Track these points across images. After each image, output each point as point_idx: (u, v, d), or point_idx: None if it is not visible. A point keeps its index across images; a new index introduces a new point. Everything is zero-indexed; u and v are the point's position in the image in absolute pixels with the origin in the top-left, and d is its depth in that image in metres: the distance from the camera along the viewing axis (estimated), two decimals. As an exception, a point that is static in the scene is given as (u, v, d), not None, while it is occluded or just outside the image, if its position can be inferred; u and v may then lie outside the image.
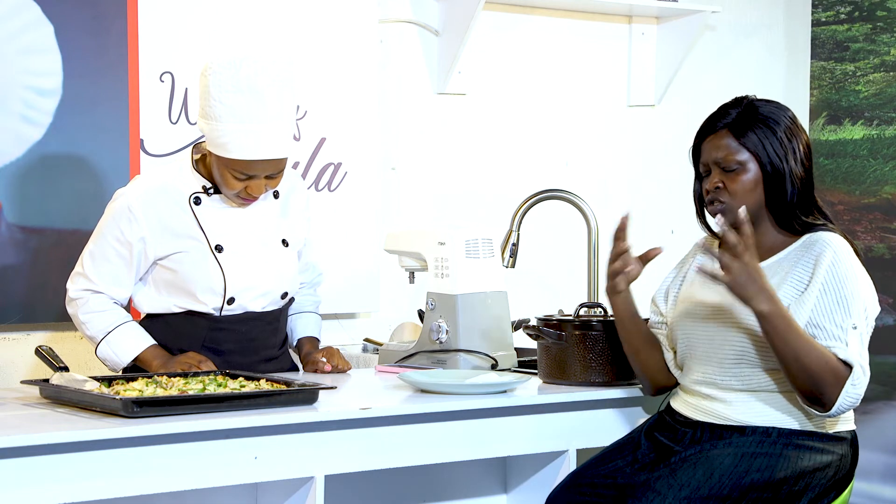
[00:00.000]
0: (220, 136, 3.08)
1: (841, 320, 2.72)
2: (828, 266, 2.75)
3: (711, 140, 2.88)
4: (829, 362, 2.68)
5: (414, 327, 3.84)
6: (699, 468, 2.74)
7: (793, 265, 2.81)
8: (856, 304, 2.73)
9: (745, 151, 2.83)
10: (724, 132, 2.86)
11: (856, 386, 2.69)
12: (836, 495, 2.79)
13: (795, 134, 2.85)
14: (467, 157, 4.42)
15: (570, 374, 3.10)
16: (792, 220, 2.85)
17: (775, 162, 2.82)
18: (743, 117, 2.85)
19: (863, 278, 2.79)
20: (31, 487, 2.43)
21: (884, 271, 4.43)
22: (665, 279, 3.05)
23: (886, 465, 4.42)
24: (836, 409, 2.69)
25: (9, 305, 3.61)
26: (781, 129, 2.84)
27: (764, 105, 2.87)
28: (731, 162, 2.84)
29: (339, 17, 4.09)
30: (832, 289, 2.74)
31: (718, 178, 2.85)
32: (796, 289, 2.78)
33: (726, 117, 2.87)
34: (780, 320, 2.68)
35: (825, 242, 2.80)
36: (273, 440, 2.68)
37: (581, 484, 2.90)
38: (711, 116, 2.90)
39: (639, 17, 4.68)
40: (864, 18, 4.61)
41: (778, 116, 2.85)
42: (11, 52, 3.58)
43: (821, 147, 4.66)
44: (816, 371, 2.67)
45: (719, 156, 2.85)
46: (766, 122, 2.84)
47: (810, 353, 2.67)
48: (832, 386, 2.68)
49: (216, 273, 3.18)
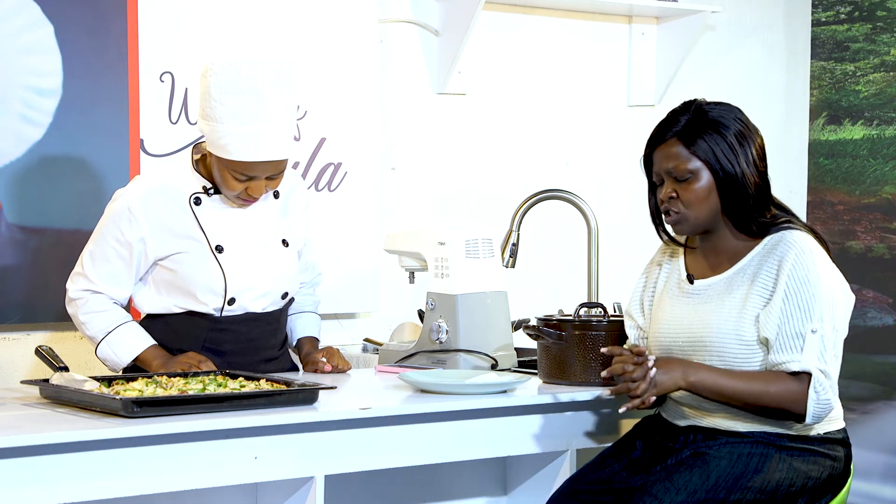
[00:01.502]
0: (220, 138, 3.08)
1: (801, 326, 2.71)
2: (789, 269, 2.74)
3: (662, 149, 2.85)
4: (781, 384, 2.71)
5: (414, 327, 3.84)
6: (696, 471, 2.74)
7: (757, 271, 2.80)
8: (818, 305, 2.72)
9: (695, 160, 2.80)
10: (673, 141, 2.83)
11: (819, 392, 2.70)
12: (834, 495, 2.79)
13: (746, 136, 2.82)
14: (467, 157, 4.42)
15: (570, 374, 3.10)
16: (749, 224, 2.83)
17: (727, 167, 2.79)
18: (692, 124, 2.81)
19: (827, 275, 2.76)
20: (31, 487, 2.43)
21: (884, 271, 4.43)
22: (635, 287, 3.04)
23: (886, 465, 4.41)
24: (811, 418, 2.72)
25: (9, 305, 3.61)
26: (731, 132, 2.80)
27: (713, 108, 2.83)
28: (682, 171, 2.81)
29: (339, 17, 4.09)
30: (794, 293, 2.73)
31: (672, 187, 2.84)
32: (762, 296, 2.77)
33: (675, 125, 2.83)
34: (707, 381, 2.74)
35: (788, 243, 2.77)
36: (273, 440, 2.68)
37: (578, 490, 2.89)
38: (661, 124, 2.87)
39: (639, 17, 4.68)
40: (864, 18, 4.61)
41: (727, 120, 2.81)
42: (11, 52, 3.58)
43: (821, 147, 4.66)
44: (772, 397, 2.71)
45: (670, 166, 2.83)
46: (716, 127, 2.80)
47: (755, 389, 2.72)
48: (795, 403, 2.71)
49: (216, 273, 3.18)
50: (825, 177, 4.63)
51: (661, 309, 2.92)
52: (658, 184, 2.89)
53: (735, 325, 2.77)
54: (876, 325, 2.83)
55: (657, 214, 2.93)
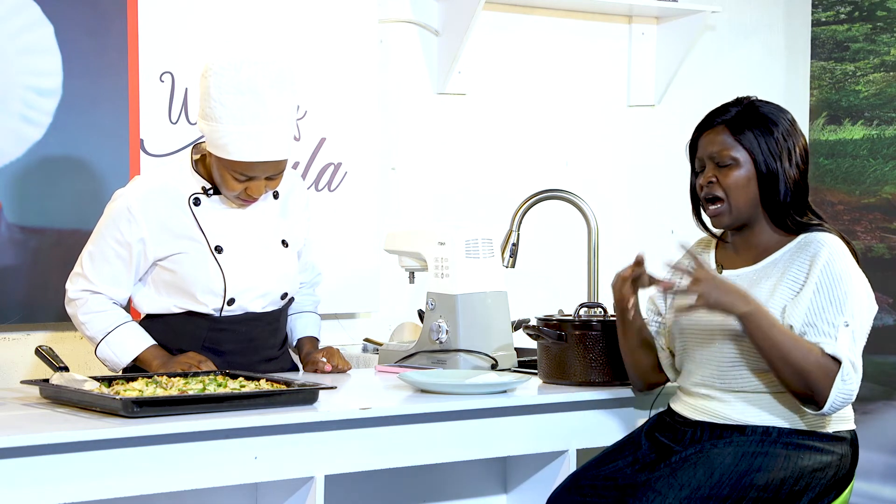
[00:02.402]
0: (220, 138, 3.08)
1: (833, 317, 2.72)
2: (823, 265, 2.76)
3: (708, 135, 2.88)
4: (817, 358, 2.68)
5: (414, 327, 3.84)
6: (699, 468, 2.74)
7: (788, 265, 2.82)
8: (849, 302, 2.73)
9: (740, 148, 2.84)
10: (720, 128, 2.87)
11: (846, 382, 2.69)
12: (837, 495, 2.79)
13: (793, 136, 2.86)
14: (467, 157, 4.42)
15: (570, 374, 3.10)
16: (786, 220, 2.85)
17: (769, 161, 2.82)
18: (742, 116, 2.86)
19: (858, 278, 2.78)
20: (31, 487, 2.43)
21: (884, 271, 4.43)
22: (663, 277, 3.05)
23: (886, 465, 4.42)
24: (829, 406, 2.69)
25: (9, 305, 3.61)
26: (779, 130, 2.84)
27: (764, 105, 2.88)
28: (725, 157, 2.84)
29: (339, 17, 4.09)
30: (826, 287, 2.74)
31: (712, 172, 2.86)
32: (791, 289, 2.78)
33: (725, 114, 2.88)
34: (762, 318, 2.70)
35: (821, 242, 2.80)
36: (273, 440, 2.68)
37: (582, 485, 2.90)
38: (711, 113, 2.91)
39: (639, 17, 4.68)
40: (864, 18, 4.61)
41: (777, 118, 2.86)
42: (11, 52, 3.58)
43: (821, 147, 4.66)
44: (804, 367, 2.68)
45: (714, 150, 2.86)
46: (765, 122, 2.84)
47: (796, 350, 2.68)
48: (822, 382, 2.68)
49: (216, 274, 3.18)
50: (825, 177, 4.63)
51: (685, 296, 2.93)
52: (699, 170, 2.91)
53: None
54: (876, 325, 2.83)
55: (696, 204, 2.95)
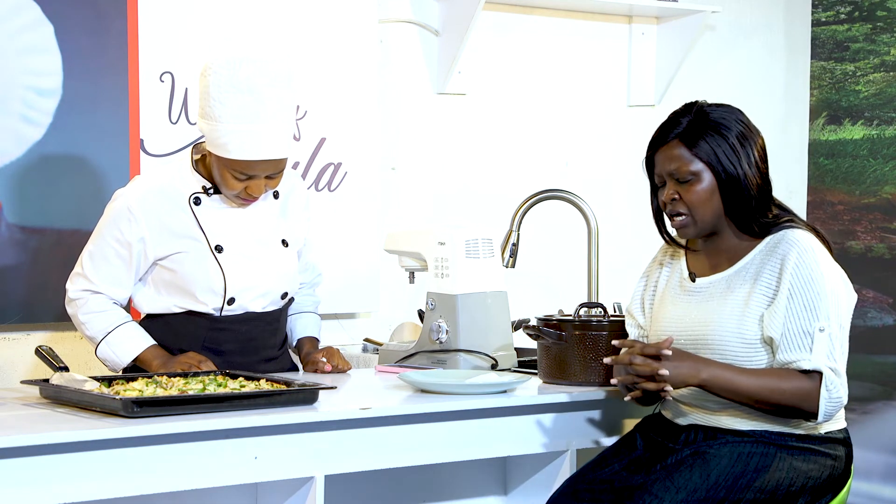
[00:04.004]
0: (219, 137, 3.08)
1: (808, 325, 2.72)
2: (793, 268, 2.75)
3: (663, 151, 2.86)
4: (794, 383, 2.71)
5: (414, 327, 3.84)
6: (696, 470, 2.74)
7: (760, 269, 2.80)
8: (823, 304, 2.73)
9: (697, 161, 2.81)
10: (675, 143, 2.84)
11: (831, 390, 2.70)
12: (834, 495, 2.79)
13: (748, 137, 2.83)
14: (467, 157, 4.42)
15: (570, 374, 3.10)
16: (751, 224, 2.84)
17: (729, 169, 2.80)
18: (693, 126, 2.82)
19: (831, 273, 2.77)
20: (31, 487, 2.43)
21: (884, 271, 4.43)
22: (636, 288, 3.04)
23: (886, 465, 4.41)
24: (822, 416, 2.72)
25: (9, 305, 3.61)
26: (733, 134, 2.81)
27: (714, 110, 2.84)
28: (684, 173, 2.82)
29: (339, 17, 4.09)
30: (798, 292, 2.73)
31: (674, 189, 2.84)
32: (766, 295, 2.77)
33: (677, 127, 2.84)
34: (721, 378, 2.73)
35: (790, 242, 2.78)
36: (273, 440, 2.68)
37: (579, 489, 2.89)
38: (662, 126, 2.88)
39: (639, 17, 4.68)
40: (864, 18, 4.61)
41: (728, 122, 2.82)
42: (11, 52, 3.58)
43: (821, 147, 4.66)
44: (783, 398, 2.71)
45: (672, 168, 2.84)
46: (717, 129, 2.81)
47: (767, 389, 2.72)
48: (806, 402, 2.71)
49: (216, 273, 3.18)
50: (825, 177, 4.63)
51: (662, 307, 2.93)
52: (660, 185, 2.89)
53: (738, 324, 2.77)
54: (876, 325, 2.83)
55: (659, 216, 2.94)
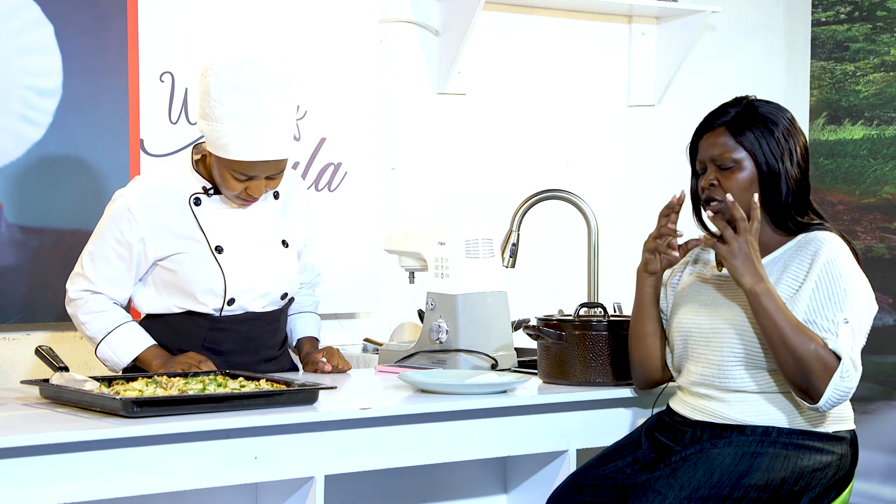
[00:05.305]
0: (220, 137, 3.08)
1: (833, 314, 2.72)
2: (823, 263, 2.76)
3: (708, 137, 2.88)
4: (818, 350, 2.68)
5: (414, 327, 3.84)
6: (699, 468, 2.74)
7: (788, 263, 2.82)
8: (849, 299, 2.73)
9: (741, 150, 2.83)
10: (721, 130, 2.86)
11: (844, 379, 2.68)
12: (836, 495, 2.79)
13: (793, 135, 2.86)
14: (467, 157, 4.42)
15: (570, 374, 3.10)
16: (787, 220, 2.85)
17: (771, 162, 2.82)
18: (741, 116, 2.85)
19: (858, 277, 2.78)
20: (31, 487, 2.43)
21: (884, 271, 4.43)
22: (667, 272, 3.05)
23: (886, 465, 4.42)
24: (824, 401, 2.69)
25: (9, 305, 3.61)
26: (779, 129, 2.84)
27: (763, 105, 2.88)
28: (726, 160, 2.84)
29: (339, 17, 4.09)
30: (826, 284, 2.74)
31: (714, 175, 2.86)
32: (791, 286, 2.78)
33: (725, 115, 2.87)
34: (769, 300, 2.70)
35: (821, 240, 2.80)
36: (273, 440, 2.68)
37: (582, 485, 2.90)
38: (710, 114, 2.91)
39: (639, 17, 4.68)
40: (864, 18, 4.61)
41: (776, 117, 2.86)
42: (11, 52, 3.58)
43: (821, 147, 4.66)
44: (803, 356, 2.68)
45: (715, 153, 2.85)
46: (765, 123, 2.84)
47: (797, 337, 2.68)
48: (819, 375, 2.68)
49: (216, 274, 3.18)
50: (825, 177, 4.63)
51: (685, 293, 2.93)
52: (700, 172, 2.90)
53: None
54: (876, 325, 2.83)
55: (696, 202, 2.94)
